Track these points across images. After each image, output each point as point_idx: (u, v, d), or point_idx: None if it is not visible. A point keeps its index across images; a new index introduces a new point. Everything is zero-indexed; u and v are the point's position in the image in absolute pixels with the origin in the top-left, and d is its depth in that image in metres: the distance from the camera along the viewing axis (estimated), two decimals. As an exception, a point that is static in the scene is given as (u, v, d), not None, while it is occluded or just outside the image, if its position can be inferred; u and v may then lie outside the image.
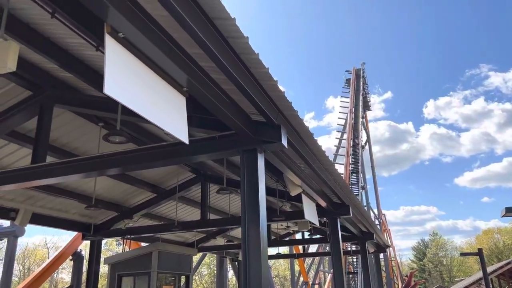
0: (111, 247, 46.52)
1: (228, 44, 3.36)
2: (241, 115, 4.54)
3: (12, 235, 14.05)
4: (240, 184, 4.69)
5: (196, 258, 19.77)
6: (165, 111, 3.26)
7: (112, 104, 5.45)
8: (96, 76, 5.10)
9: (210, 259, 44.74)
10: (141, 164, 5.51)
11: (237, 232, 15.88)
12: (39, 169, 5.67)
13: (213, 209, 12.40)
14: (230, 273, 31.41)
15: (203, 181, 10.50)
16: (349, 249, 23.31)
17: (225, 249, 16.66)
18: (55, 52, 4.61)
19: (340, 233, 9.24)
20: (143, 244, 14.62)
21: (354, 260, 32.34)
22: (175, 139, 5.33)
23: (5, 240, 15.08)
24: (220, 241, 16.02)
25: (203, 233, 15.14)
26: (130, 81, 2.81)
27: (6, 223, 14.49)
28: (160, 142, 6.42)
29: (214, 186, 11.02)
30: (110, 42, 2.62)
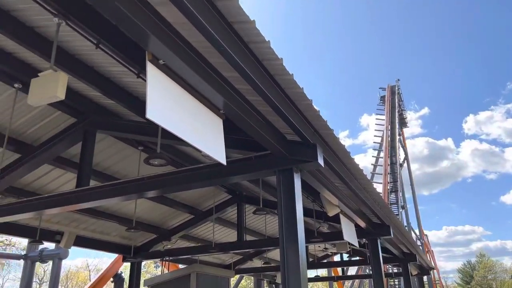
0: (149, 269, 47.07)
1: (263, 66, 3.42)
2: (277, 135, 4.57)
3: (57, 258, 14.56)
4: (277, 204, 4.67)
5: (233, 280, 19.63)
6: (204, 133, 3.33)
7: (151, 128, 5.64)
8: (136, 102, 5.31)
9: (247, 282, 44.29)
10: (179, 185, 5.62)
11: (274, 254, 15.70)
12: (83, 193, 5.89)
13: (249, 230, 12.36)
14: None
15: (239, 202, 10.52)
16: (391, 271, 22.46)
17: (262, 271, 16.46)
18: (98, 80, 4.85)
19: (381, 254, 8.95)
20: (180, 265, 14.73)
21: (396, 283, 31.06)
22: (213, 160, 5.42)
23: (50, 262, 15.65)
24: (257, 263, 15.87)
25: (240, 255, 15.07)
26: (170, 106, 2.91)
27: (51, 245, 15.07)
28: (197, 164, 6.54)
29: (250, 207, 11.01)
30: (151, 69, 2.74)
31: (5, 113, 5.80)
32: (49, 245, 14.49)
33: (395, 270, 22.39)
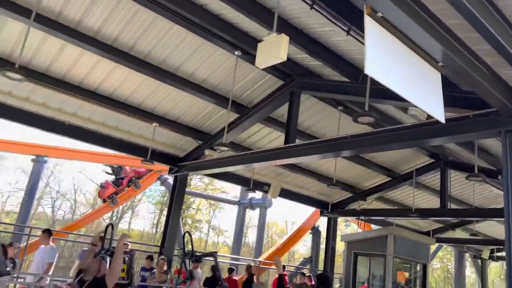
0: (339, 227, 48.71)
1: (495, 7, 2.94)
2: (505, 90, 3.92)
3: (263, 206, 16.65)
4: (503, 171, 4.08)
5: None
6: (421, 88, 3.11)
7: (353, 87, 5.62)
8: (341, 62, 5.35)
9: (443, 253, 41.22)
10: (379, 146, 5.58)
11: (482, 226, 14.04)
12: (290, 149, 6.39)
13: (453, 198, 11.31)
14: (468, 271, 28.15)
15: (442, 167, 9.68)
16: None
17: (466, 243, 14.98)
18: (306, 43, 5.06)
19: None
20: (373, 226, 14.73)
21: None
22: (419, 120, 5.08)
23: (258, 209, 17.98)
24: (459, 233, 14.52)
25: (440, 223, 14.03)
26: (388, 61, 2.80)
27: (258, 196, 17.22)
28: (396, 125, 6.24)
29: (455, 173, 10.03)
30: (369, 23, 2.67)
31: (227, 79, 6.69)
32: (257, 196, 16.54)
33: None
